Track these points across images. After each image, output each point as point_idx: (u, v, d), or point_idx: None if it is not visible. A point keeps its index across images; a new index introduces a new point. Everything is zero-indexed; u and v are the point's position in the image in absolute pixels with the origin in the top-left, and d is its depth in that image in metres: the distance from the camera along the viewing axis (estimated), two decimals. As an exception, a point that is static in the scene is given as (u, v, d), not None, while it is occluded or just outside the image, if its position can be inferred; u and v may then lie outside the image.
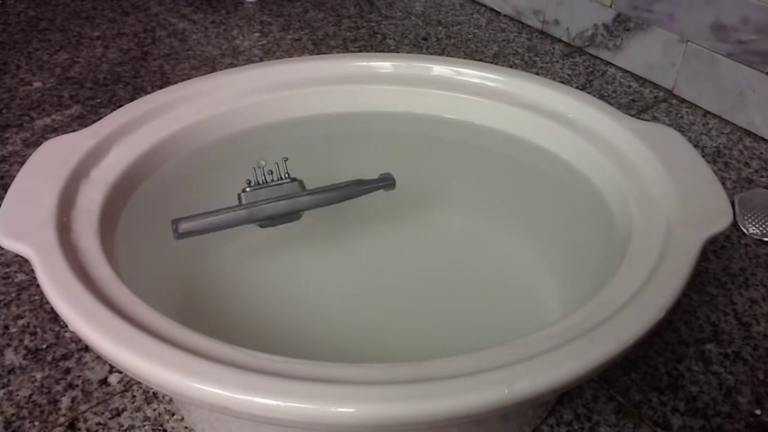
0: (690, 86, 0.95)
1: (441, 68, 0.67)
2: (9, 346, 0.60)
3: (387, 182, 0.63)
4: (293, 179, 0.60)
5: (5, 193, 0.50)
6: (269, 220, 0.59)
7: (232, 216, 0.57)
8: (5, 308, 0.63)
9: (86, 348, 0.60)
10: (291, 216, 0.60)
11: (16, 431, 0.53)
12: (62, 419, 0.54)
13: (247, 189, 0.59)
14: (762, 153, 0.87)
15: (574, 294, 0.56)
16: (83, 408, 0.55)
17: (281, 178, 0.60)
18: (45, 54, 1.02)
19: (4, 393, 0.56)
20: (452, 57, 1.04)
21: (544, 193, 0.66)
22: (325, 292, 0.62)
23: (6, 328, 0.62)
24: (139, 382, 0.56)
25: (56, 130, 0.86)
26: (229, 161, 0.66)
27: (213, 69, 0.99)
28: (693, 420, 0.56)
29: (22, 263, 0.68)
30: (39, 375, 0.58)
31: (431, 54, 1.04)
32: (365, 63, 0.68)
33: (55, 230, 0.46)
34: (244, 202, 0.58)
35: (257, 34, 1.09)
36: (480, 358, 0.40)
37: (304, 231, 0.68)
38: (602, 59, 1.04)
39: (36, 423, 0.54)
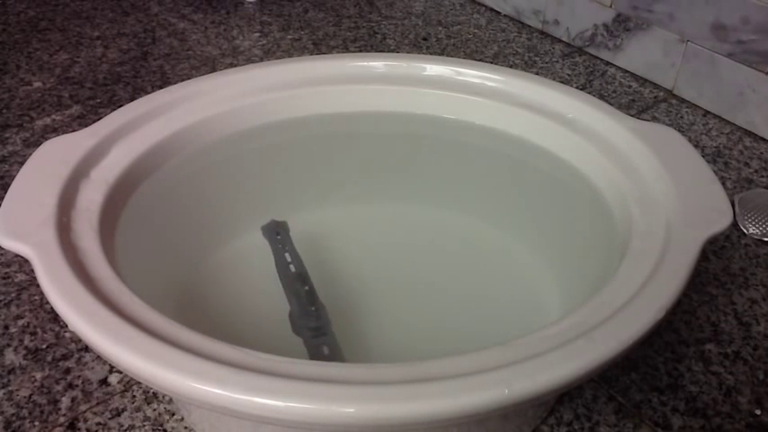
0: (690, 86, 0.95)
1: (440, 68, 0.67)
2: (9, 346, 0.60)
3: (278, 229, 0.61)
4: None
5: (5, 193, 0.50)
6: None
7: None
8: (5, 308, 0.63)
9: (86, 348, 0.60)
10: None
11: (16, 431, 0.53)
12: (62, 419, 0.54)
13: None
14: (762, 153, 0.87)
15: (574, 294, 0.56)
16: (83, 408, 0.55)
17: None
18: (45, 54, 1.02)
19: (4, 393, 0.56)
20: (452, 57, 1.04)
21: (544, 193, 0.66)
22: (325, 291, 0.62)
23: (6, 328, 0.62)
24: (139, 382, 0.56)
25: (56, 130, 0.86)
26: (229, 161, 0.66)
27: (213, 69, 0.99)
28: (693, 420, 0.56)
29: (22, 263, 0.68)
30: (39, 375, 0.58)
31: (431, 54, 1.04)
32: (365, 63, 0.68)
33: (55, 230, 0.46)
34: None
35: (257, 34, 1.09)
36: (480, 358, 0.40)
37: (304, 232, 0.68)
38: (602, 59, 1.04)
39: (36, 423, 0.54)
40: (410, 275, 0.64)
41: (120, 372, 0.58)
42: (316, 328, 0.54)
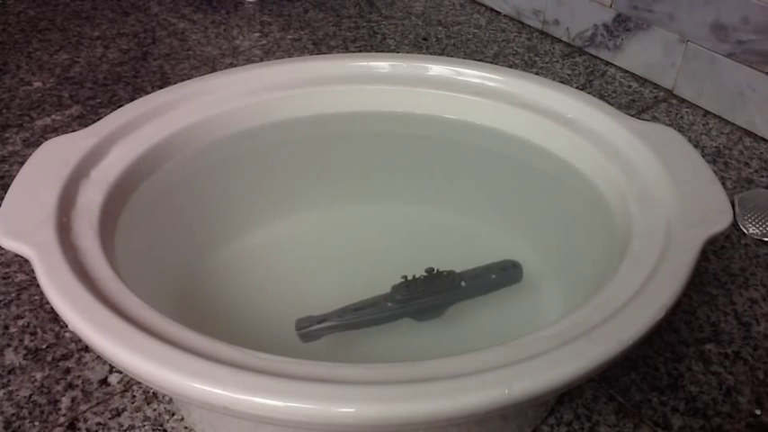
0: (690, 86, 0.95)
1: (440, 68, 0.67)
2: (9, 346, 0.60)
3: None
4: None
5: (5, 193, 0.50)
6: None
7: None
8: (5, 308, 0.63)
9: (86, 348, 0.60)
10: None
11: (16, 431, 0.53)
12: (62, 419, 0.54)
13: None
14: (762, 153, 0.87)
15: (574, 294, 0.56)
16: (83, 408, 0.55)
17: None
18: (45, 54, 1.02)
19: (4, 393, 0.56)
20: (452, 57, 1.04)
21: (544, 193, 0.66)
22: (325, 292, 0.62)
23: (6, 328, 0.62)
24: (139, 382, 0.56)
25: (56, 130, 0.86)
26: (229, 161, 0.66)
27: (213, 69, 0.99)
28: (693, 420, 0.56)
29: (22, 263, 0.68)
30: (39, 375, 0.58)
31: (431, 54, 1.04)
32: (365, 63, 0.68)
33: (55, 230, 0.46)
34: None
35: (257, 34, 1.09)
36: (480, 358, 0.40)
37: (304, 231, 0.68)
38: (602, 59, 1.04)
39: (36, 423, 0.54)
40: (409, 275, 0.64)
41: (120, 372, 0.58)
42: (455, 287, 0.58)
